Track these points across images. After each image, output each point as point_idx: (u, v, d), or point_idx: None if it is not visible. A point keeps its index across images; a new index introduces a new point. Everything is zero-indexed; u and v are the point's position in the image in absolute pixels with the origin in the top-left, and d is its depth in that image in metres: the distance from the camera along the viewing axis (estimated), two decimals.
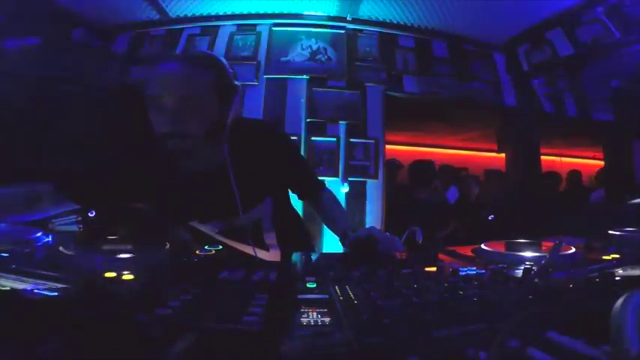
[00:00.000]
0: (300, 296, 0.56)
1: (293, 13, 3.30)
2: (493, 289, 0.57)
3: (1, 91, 2.55)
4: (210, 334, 0.42)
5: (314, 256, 0.81)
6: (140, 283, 0.59)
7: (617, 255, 0.83)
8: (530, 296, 0.54)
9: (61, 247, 0.76)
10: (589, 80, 3.52)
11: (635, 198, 1.73)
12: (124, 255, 0.74)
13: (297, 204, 1.35)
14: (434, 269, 0.73)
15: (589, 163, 5.75)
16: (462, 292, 0.57)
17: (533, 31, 3.33)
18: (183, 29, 3.41)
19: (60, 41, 3.08)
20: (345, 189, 3.12)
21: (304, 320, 0.47)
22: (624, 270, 0.71)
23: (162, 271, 0.65)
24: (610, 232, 1.12)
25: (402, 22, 3.40)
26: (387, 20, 3.37)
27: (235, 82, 0.96)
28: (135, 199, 1.15)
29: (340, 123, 3.20)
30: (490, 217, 3.29)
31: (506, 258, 0.85)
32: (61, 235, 0.98)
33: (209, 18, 3.35)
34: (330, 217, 1.18)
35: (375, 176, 3.19)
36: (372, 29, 3.43)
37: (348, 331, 0.43)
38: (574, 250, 0.86)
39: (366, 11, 3.26)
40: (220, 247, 0.91)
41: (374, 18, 3.35)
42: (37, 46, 2.78)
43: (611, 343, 0.33)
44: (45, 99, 2.83)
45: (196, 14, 3.33)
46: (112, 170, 1.02)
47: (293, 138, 2.46)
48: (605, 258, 0.82)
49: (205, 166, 1.02)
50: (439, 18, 3.29)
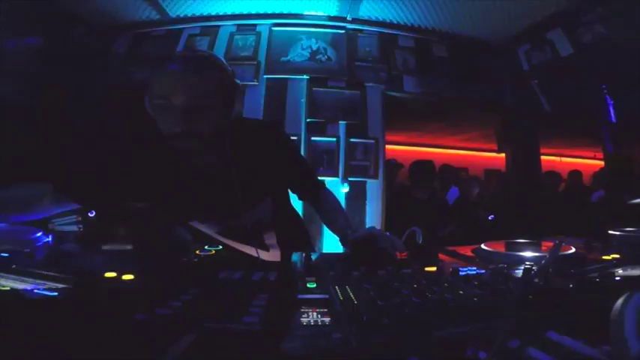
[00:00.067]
0: (300, 296, 0.56)
1: (293, 13, 3.30)
2: (493, 289, 0.57)
3: (1, 91, 2.55)
4: (210, 334, 0.42)
5: (314, 256, 0.81)
6: (140, 283, 0.59)
7: (617, 255, 0.83)
8: (530, 296, 0.54)
9: (61, 247, 0.76)
10: (589, 80, 3.52)
11: (635, 198, 1.73)
12: (124, 255, 0.74)
13: (297, 204, 1.35)
14: (434, 269, 0.73)
15: (589, 163, 5.76)
16: (461, 292, 0.57)
17: (533, 31, 3.33)
18: (183, 29, 3.41)
19: (60, 41, 3.08)
20: (345, 189, 3.11)
21: (304, 320, 0.47)
22: (624, 270, 0.71)
23: (162, 271, 0.65)
24: (610, 232, 1.12)
25: (402, 22, 3.40)
26: (387, 20, 3.37)
27: (237, 81, 0.97)
28: (135, 198, 1.15)
29: (340, 123, 3.20)
30: (490, 217, 3.29)
31: (506, 258, 0.85)
32: (61, 235, 0.98)
33: (209, 18, 3.35)
34: (330, 217, 1.18)
35: (375, 176, 3.19)
36: (372, 29, 3.42)
37: (348, 331, 0.43)
38: (574, 250, 0.86)
39: (366, 11, 3.26)
40: (220, 247, 0.91)
41: (374, 18, 3.35)
42: (37, 46, 2.78)
43: (611, 343, 0.33)
44: (45, 99, 2.83)
45: (196, 14, 3.33)
46: (112, 170, 1.02)
47: (293, 138, 2.46)
48: (605, 258, 0.82)
49: (206, 166, 1.02)
50: (439, 18, 3.29)
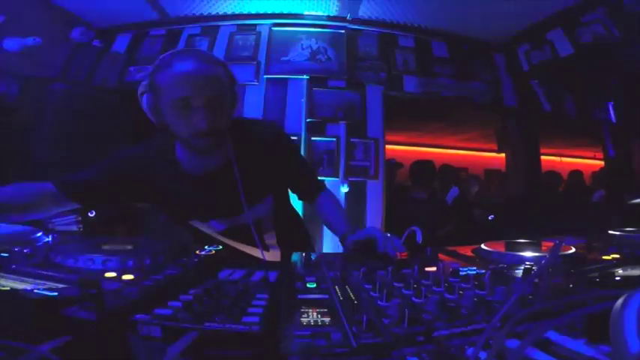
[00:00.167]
0: (300, 296, 0.56)
1: (293, 13, 3.30)
2: (493, 289, 0.57)
3: (2, 91, 2.55)
4: (210, 334, 0.42)
5: (314, 256, 0.81)
6: (140, 283, 0.59)
7: (617, 255, 0.83)
8: (530, 296, 0.54)
9: (62, 247, 0.76)
10: (589, 80, 3.52)
11: (635, 198, 1.73)
12: (124, 255, 0.74)
13: (297, 204, 1.35)
14: (434, 269, 0.73)
15: (589, 163, 5.76)
16: (461, 292, 0.57)
17: (533, 31, 3.33)
18: (183, 29, 3.41)
19: (60, 41, 3.08)
20: (345, 189, 3.11)
21: (304, 320, 0.47)
22: (624, 270, 0.71)
23: (162, 271, 0.65)
24: (610, 232, 1.12)
25: (402, 22, 3.40)
26: (387, 20, 3.37)
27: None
28: (136, 199, 1.15)
29: (340, 123, 3.20)
30: (490, 217, 3.29)
31: (506, 258, 0.85)
32: (61, 235, 0.98)
33: (209, 18, 3.35)
34: (330, 217, 1.18)
35: (375, 176, 3.19)
36: (372, 29, 3.42)
37: (348, 331, 0.43)
38: (574, 250, 0.86)
39: (366, 11, 3.26)
40: (221, 247, 0.91)
41: (374, 18, 3.35)
42: (37, 46, 2.78)
43: (611, 343, 0.33)
44: (45, 99, 2.83)
45: (196, 14, 3.33)
46: (114, 170, 1.02)
47: (293, 138, 2.46)
48: (605, 258, 0.82)
49: (207, 166, 1.02)
50: (439, 18, 3.29)
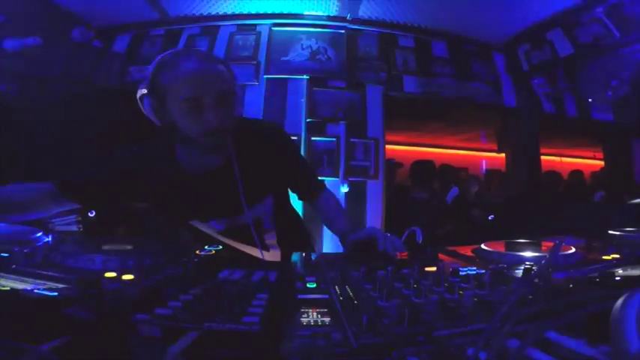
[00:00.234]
0: (300, 296, 0.56)
1: (293, 13, 3.30)
2: (493, 289, 0.57)
3: (1, 91, 2.55)
4: (210, 334, 0.42)
5: (314, 256, 0.81)
6: (140, 283, 0.59)
7: (617, 255, 0.83)
8: (530, 296, 0.54)
9: (62, 247, 0.76)
10: (589, 80, 3.52)
11: (635, 198, 1.73)
12: (124, 255, 0.74)
13: (297, 204, 1.35)
14: (434, 269, 0.73)
15: (589, 163, 5.76)
16: (461, 292, 0.57)
17: (533, 31, 3.33)
18: (183, 29, 3.41)
19: (60, 41, 3.08)
20: (345, 189, 3.11)
21: (304, 320, 0.47)
22: (624, 270, 0.71)
23: (162, 271, 0.65)
24: (610, 232, 1.12)
25: (402, 22, 3.40)
26: (387, 20, 3.37)
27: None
28: (136, 199, 1.15)
29: (340, 123, 3.20)
30: (490, 217, 3.29)
31: (506, 258, 0.85)
32: (61, 235, 0.98)
33: (209, 18, 3.35)
34: (330, 217, 1.18)
35: (375, 176, 3.19)
36: (372, 29, 3.42)
37: (348, 331, 0.43)
38: (574, 250, 0.86)
39: (366, 11, 3.26)
40: (221, 247, 0.91)
41: (374, 18, 3.35)
42: (37, 46, 2.78)
43: (611, 343, 0.33)
44: (45, 99, 2.83)
45: (196, 14, 3.33)
46: (114, 170, 1.02)
47: (293, 138, 2.46)
48: (605, 258, 0.82)
49: (208, 165, 1.02)
50: (439, 18, 3.29)
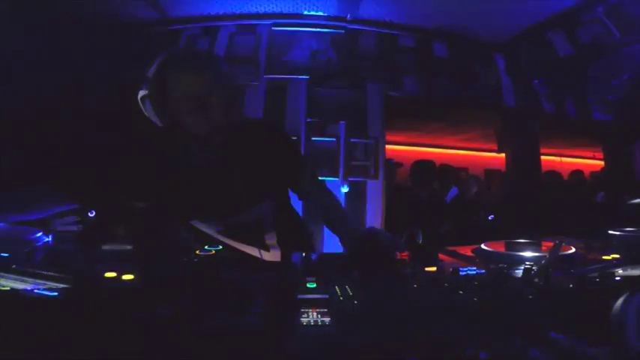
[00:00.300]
0: (300, 296, 0.56)
1: (293, 13, 3.29)
2: (493, 289, 0.57)
3: (1, 91, 2.55)
4: (211, 334, 0.42)
5: (314, 256, 0.81)
6: (140, 283, 0.59)
7: (617, 255, 0.83)
8: (530, 296, 0.54)
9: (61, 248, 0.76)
10: (589, 80, 3.52)
11: (635, 198, 1.73)
12: (124, 255, 0.74)
13: (297, 204, 1.35)
14: (434, 269, 0.73)
15: (589, 163, 5.75)
16: (461, 292, 0.57)
17: (533, 31, 3.33)
18: (183, 29, 3.41)
19: (60, 41, 3.08)
20: (345, 189, 3.11)
21: (304, 320, 0.47)
22: (624, 270, 0.71)
23: (162, 271, 0.65)
24: (610, 232, 1.12)
25: (402, 22, 3.40)
26: (387, 20, 3.37)
27: None
28: (136, 198, 1.14)
29: (340, 123, 3.20)
30: (490, 217, 3.29)
31: (506, 258, 0.85)
32: (61, 235, 0.98)
33: (209, 18, 3.35)
34: (330, 217, 1.18)
35: (375, 176, 3.19)
36: (372, 29, 3.42)
37: (348, 331, 0.43)
38: (574, 250, 0.86)
39: (366, 11, 3.25)
40: (220, 247, 0.91)
41: (374, 18, 3.35)
42: (37, 46, 2.78)
43: (611, 343, 0.33)
44: (45, 99, 2.83)
45: (196, 14, 3.33)
46: (114, 170, 1.02)
47: (293, 138, 2.46)
48: (605, 258, 0.82)
49: (208, 165, 1.02)
50: (439, 18, 3.29)
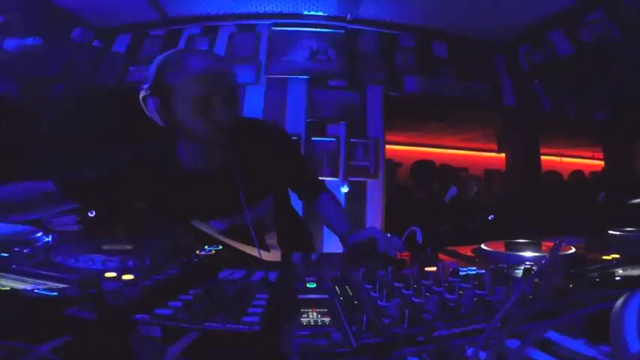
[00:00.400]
0: (300, 296, 0.56)
1: (293, 13, 3.30)
2: (493, 289, 0.57)
3: (2, 91, 2.55)
4: (210, 333, 0.42)
5: (314, 256, 0.81)
6: (140, 283, 0.59)
7: (617, 255, 0.83)
8: (531, 296, 0.54)
9: (62, 247, 0.76)
10: (589, 80, 3.52)
11: (635, 198, 1.73)
12: (124, 255, 0.74)
13: (297, 204, 1.35)
14: (434, 269, 0.73)
15: (589, 163, 5.75)
16: (461, 292, 0.57)
17: (533, 31, 3.33)
18: (183, 29, 3.41)
19: (60, 41, 3.08)
20: (345, 189, 3.11)
21: (304, 320, 0.47)
22: (624, 270, 0.71)
23: (162, 271, 0.65)
24: (610, 232, 1.12)
25: (402, 22, 3.40)
26: (387, 20, 3.37)
27: None
28: (136, 198, 1.15)
29: (340, 123, 3.20)
30: (490, 217, 3.29)
31: (506, 258, 0.85)
32: (61, 235, 0.98)
33: (209, 18, 3.35)
34: (330, 217, 1.18)
35: (375, 176, 3.19)
36: (372, 29, 3.42)
37: (348, 331, 0.43)
38: (574, 250, 0.86)
39: (366, 11, 3.26)
40: (221, 247, 0.91)
41: (374, 18, 3.35)
42: (37, 46, 2.78)
43: (611, 343, 0.33)
44: (46, 99, 2.83)
45: (196, 14, 3.33)
46: (114, 170, 1.02)
47: (293, 138, 2.46)
48: (605, 258, 0.82)
49: (209, 165, 1.02)
50: (439, 18, 3.29)
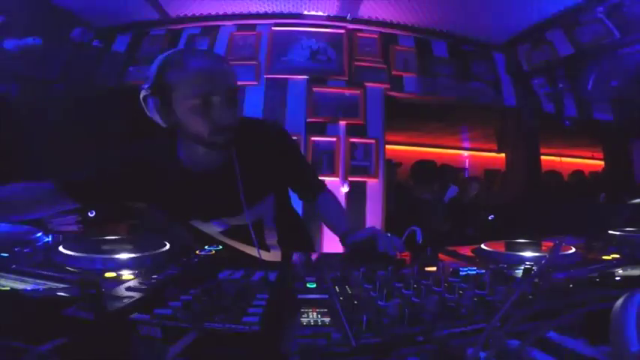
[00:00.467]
0: (300, 296, 0.56)
1: (293, 13, 3.30)
2: (493, 289, 0.57)
3: (2, 91, 2.55)
4: (210, 334, 0.42)
5: (314, 256, 0.81)
6: (140, 283, 0.59)
7: (617, 255, 0.83)
8: (530, 296, 0.54)
9: (61, 248, 0.76)
10: (589, 80, 3.52)
11: (635, 198, 1.73)
12: (124, 255, 0.74)
13: (297, 204, 1.35)
14: (434, 269, 0.73)
15: (589, 163, 5.75)
16: (461, 292, 0.57)
17: (533, 31, 3.33)
18: (183, 29, 3.41)
19: (60, 41, 3.08)
20: (345, 189, 3.11)
21: (304, 320, 0.47)
22: (624, 270, 0.71)
23: (162, 271, 0.65)
24: (610, 232, 1.12)
25: (402, 22, 3.40)
26: (387, 20, 3.37)
27: None
28: (136, 198, 1.14)
29: (340, 123, 3.20)
30: (490, 217, 3.29)
31: (506, 258, 0.85)
32: (61, 235, 0.98)
33: (209, 18, 3.35)
34: (331, 217, 1.18)
35: (375, 176, 3.19)
36: (372, 29, 3.42)
37: (348, 331, 0.43)
38: (574, 250, 0.86)
39: (366, 11, 3.26)
40: (221, 247, 0.91)
41: (374, 18, 3.35)
42: (37, 46, 2.78)
43: (611, 343, 0.33)
44: (46, 99, 2.83)
45: (196, 14, 3.33)
46: (114, 169, 1.02)
47: (293, 138, 2.46)
48: (605, 258, 0.82)
49: (209, 165, 1.02)
50: (439, 18, 3.29)
